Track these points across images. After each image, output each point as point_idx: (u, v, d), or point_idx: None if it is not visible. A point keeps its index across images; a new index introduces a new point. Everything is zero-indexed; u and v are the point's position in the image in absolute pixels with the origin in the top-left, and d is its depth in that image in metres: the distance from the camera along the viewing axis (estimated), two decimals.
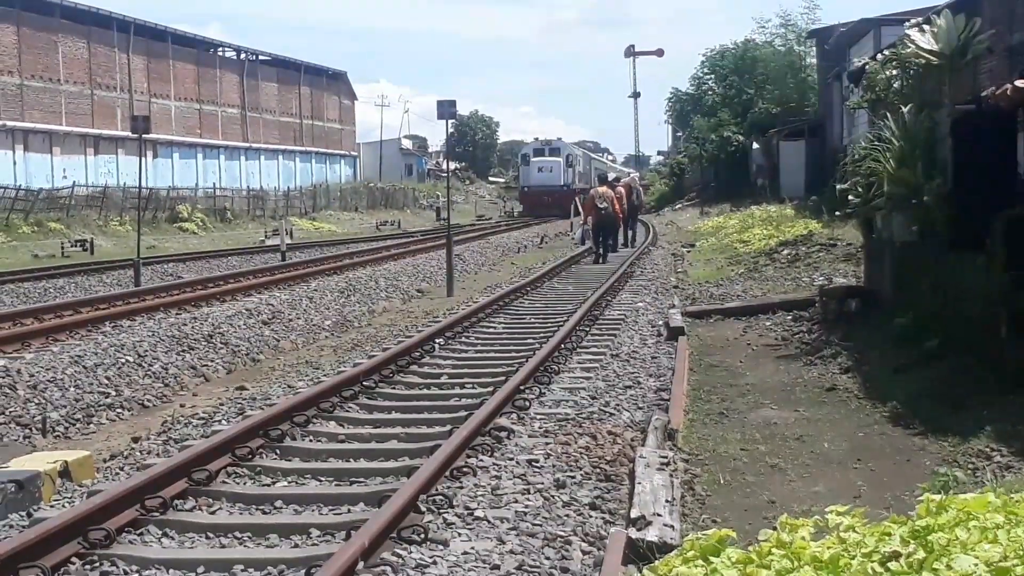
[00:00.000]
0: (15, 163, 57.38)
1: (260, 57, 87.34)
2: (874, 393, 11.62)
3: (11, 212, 48.30)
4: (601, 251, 32.02)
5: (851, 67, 23.83)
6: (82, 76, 64.06)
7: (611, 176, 40.47)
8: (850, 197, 15.84)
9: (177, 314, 19.10)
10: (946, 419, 9.99)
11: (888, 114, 14.88)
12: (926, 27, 14.44)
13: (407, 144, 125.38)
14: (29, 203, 50.10)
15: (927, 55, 14.04)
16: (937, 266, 12.74)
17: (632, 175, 57.76)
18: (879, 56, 16.46)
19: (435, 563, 6.51)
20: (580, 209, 40.12)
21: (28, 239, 45.60)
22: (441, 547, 6.77)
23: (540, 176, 77.51)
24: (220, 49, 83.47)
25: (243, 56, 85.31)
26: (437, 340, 15.32)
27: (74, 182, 56.96)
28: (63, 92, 62.26)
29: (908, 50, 14.49)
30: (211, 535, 7.28)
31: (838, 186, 18.59)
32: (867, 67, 16.73)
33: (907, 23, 15.53)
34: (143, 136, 27.31)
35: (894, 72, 15.40)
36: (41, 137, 59.92)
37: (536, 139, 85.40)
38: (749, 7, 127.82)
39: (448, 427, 9.85)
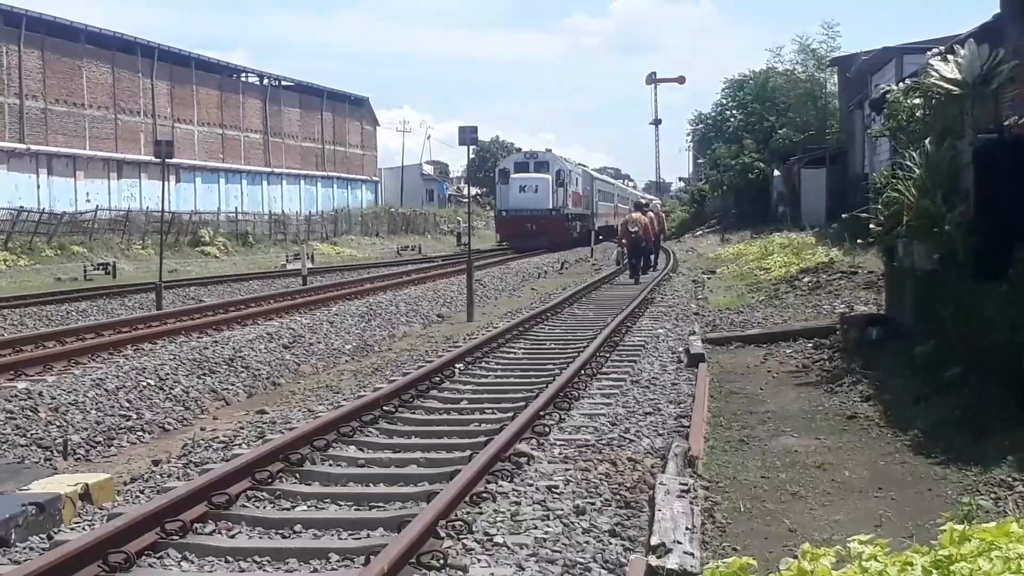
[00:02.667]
0: (39, 186, 57.70)
1: (283, 82, 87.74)
2: (895, 421, 11.57)
3: (34, 235, 48.60)
4: (634, 270, 34.47)
5: (873, 95, 23.82)
6: (106, 101, 64.45)
7: (644, 203, 41.86)
8: (871, 225, 15.81)
9: (198, 338, 19.15)
10: (968, 448, 9.94)
11: (910, 142, 14.87)
12: (949, 56, 14.43)
13: (428, 170, 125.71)
14: (52, 226, 50.40)
15: (950, 84, 14.02)
16: (959, 294, 12.68)
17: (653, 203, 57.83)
18: (901, 84, 16.46)
19: None
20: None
21: (51, 262, 45.86)
22: (460, 573, 6.77)
23: (521, 197, 60.99)
24: (243, 74, 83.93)
25: (266, 81, 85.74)
26: (457, 365, 15.34)
27: (97, 206, 57.29)
28: (87, 116, 62.64)
29: (931, 78, 14.49)
30: (230, 559, 7.29)
31: (849, 214, 18.56)
32: (889, 95, 16.72)
33: (930, 52, 15.53)
34: (166, 160, 27.44)
35: (916, 100, 15.40)
36: (65, 161, 60.26)
37: (518, 149, 70.22)
38: (773, 35, 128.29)
39: (468, 452, 9.85)
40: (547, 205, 60.95)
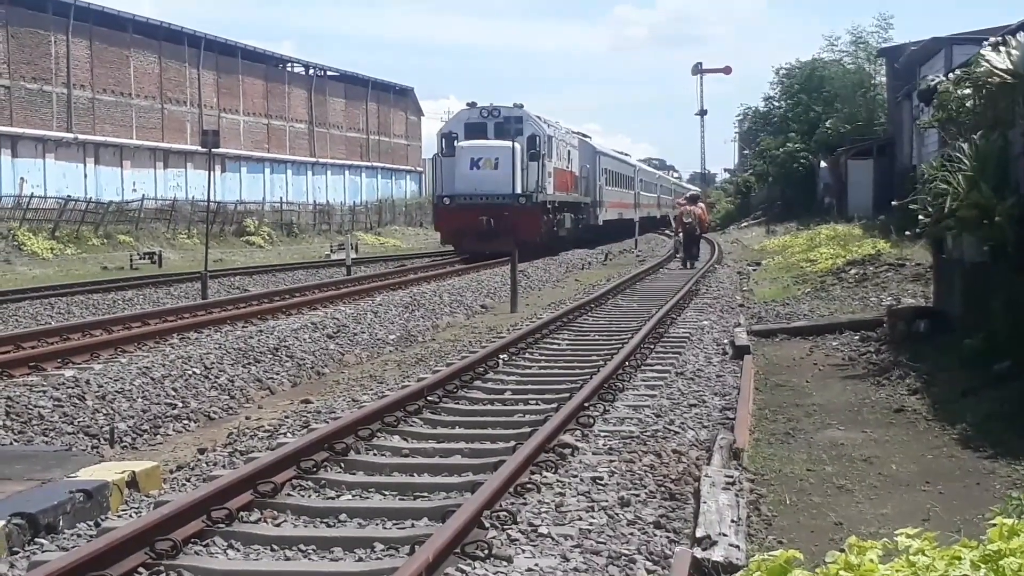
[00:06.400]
0: (86, 176, 58.23)
1: (328, 73, 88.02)
2: (943, 415, 11.46)
3: (81, 224, 48.99)
4: (688, 257, 37.53)
5: (922, 86, 23.59)
6: (153, 90, 64.90)
7: (696, 195, 43.13)
8: (920, 217, 15.67)
9: (243, 327, 19.23)
10: (1017, 442, 9.84)
11: (960, 133, 14.71)
12: (1000, 46, 14.26)
13: None
14: (99, 215, 50.80)
15: (1001, 74, 13.86)
16: (1009, 287, 12.55)
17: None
18: (951, 75, 16.28)
19: None
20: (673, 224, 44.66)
21: (98, 251, 46.25)
22: (505, 563, 6.76)
23: (473, 177, 40.69)
24: (289, 64, 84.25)
25: (311, 71, 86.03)
26: (501, 356, 15.33)
27: (143, 195, 57.75)
28: (134, 106, 63.10)
29: (981, 69, 14.32)
30: (276, 547, 7.31)
31: (894, 203, 18.40)
32: (938, 86, 16.54)
33: (983, 42, 15.36)
34: (212, 150, 27.57)
35: (966, 91, 15.22)
36: (112, 150, 60.75)
37: (472, 104, 43.36)
38: (819, 26, 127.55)
39: (512, 443, 9.85)
40: (510, 189, 40.70)
